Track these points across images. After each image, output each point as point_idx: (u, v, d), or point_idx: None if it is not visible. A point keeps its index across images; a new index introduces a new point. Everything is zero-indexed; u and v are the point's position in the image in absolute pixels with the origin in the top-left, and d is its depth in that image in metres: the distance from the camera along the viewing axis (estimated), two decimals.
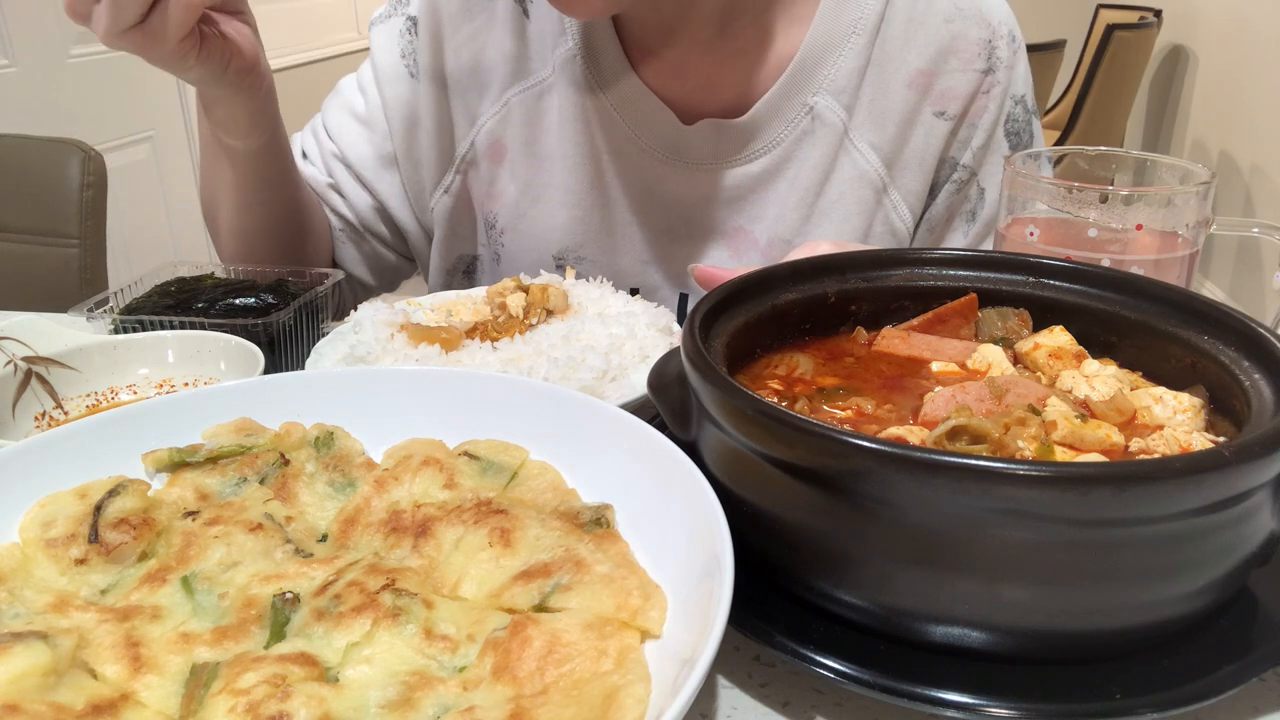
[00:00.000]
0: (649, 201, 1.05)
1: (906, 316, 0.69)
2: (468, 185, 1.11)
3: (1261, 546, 0.48)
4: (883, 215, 1.03)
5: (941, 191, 1.05)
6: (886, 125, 1.01)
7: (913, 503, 0.45)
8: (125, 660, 0.46)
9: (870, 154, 1.01)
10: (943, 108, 1.01)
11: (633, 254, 1.07)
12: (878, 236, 1.04)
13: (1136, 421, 0.57)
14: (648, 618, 0.48)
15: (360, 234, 1.15)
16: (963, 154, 1.03)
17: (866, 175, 1.01)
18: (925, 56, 0.99)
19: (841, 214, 1.02)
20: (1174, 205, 0.74)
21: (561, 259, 1.08)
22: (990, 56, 1.00)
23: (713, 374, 0.52)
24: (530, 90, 1.05)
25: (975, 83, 1.00)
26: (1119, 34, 4.05)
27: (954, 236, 1.07)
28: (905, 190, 1.03)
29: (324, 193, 1.13)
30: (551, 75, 1.04)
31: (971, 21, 1.00)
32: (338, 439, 0.63)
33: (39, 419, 0.78)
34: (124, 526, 0.54)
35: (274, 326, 0.85)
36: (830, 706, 0.50)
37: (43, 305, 1.04)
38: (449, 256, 1.15)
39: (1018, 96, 1.03)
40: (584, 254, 1.07)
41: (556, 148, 1.05)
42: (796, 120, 1.00)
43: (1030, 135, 1.05)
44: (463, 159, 1.10)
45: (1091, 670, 0.46)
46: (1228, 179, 3.99)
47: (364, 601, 0.49)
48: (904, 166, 1.02)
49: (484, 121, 1.07)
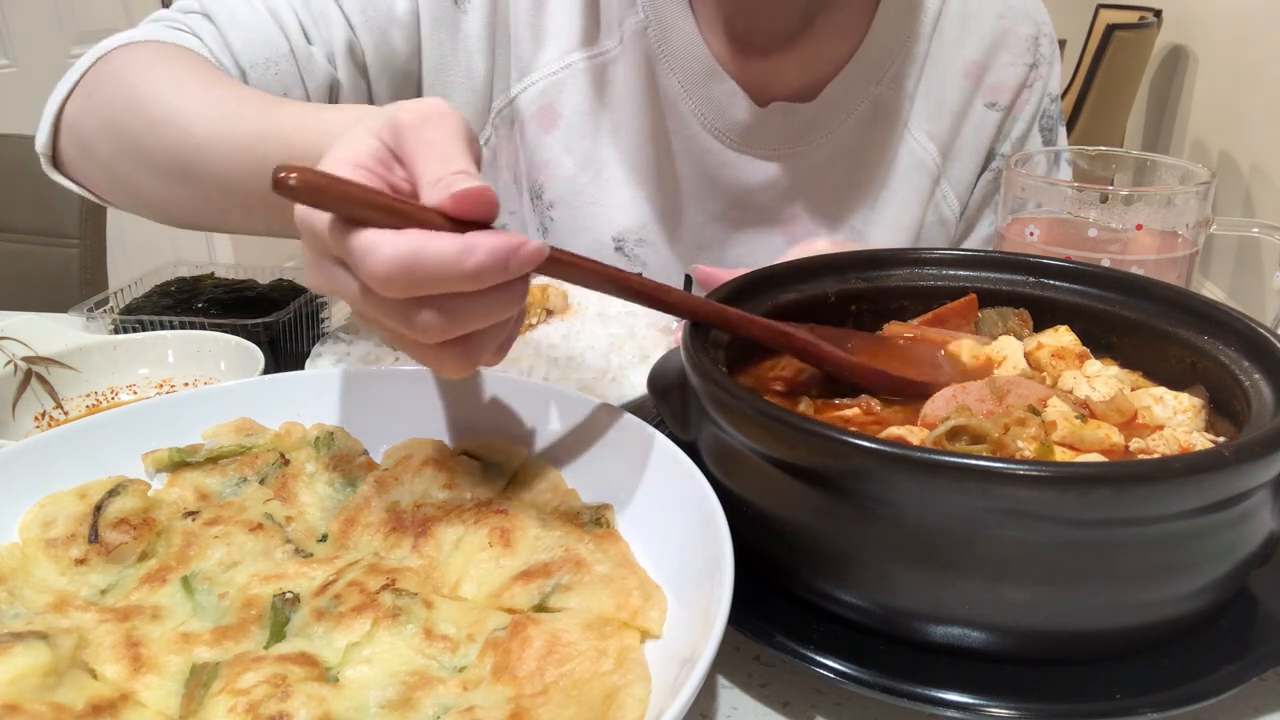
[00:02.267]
0: (710, 185, 1.02)
1: (906, 316, 0.69)
2: (499, 143, 1.03)
3: (1261, 546, 0.48)
4: (935, 205, 1.04)
5: (979, 181, 1.06)
6: (943, 115, 1.02)
7: (913, 503, 0.45)
8: (125, 660, 0.46)
9: (928, 143, 1.02)
10: (994, 99, 1.02)
11: (690, 239, 1.04)
12: (930, 226, 1.05)
13: (1136, 421, 0.57)
14: (648, 618, 0.48)
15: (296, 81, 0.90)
16: (1003, 145, 1.05)
17: (925, 164, 1.02)
18: (980, 49, 1.01)
19: (900, 202, 1.03)
20: (1174, 205, 0.74)
21: (621, 241, 1.02)
22: (1035, 52, 1.02)
23: (713, 374, 0.52)
24: (595, 59, 0.99)
25: (1022, 76, 1.02)
26: (1119, 34, 4.05)
27: (982, 225, 1.08)
28: (955, 180, 1.04)
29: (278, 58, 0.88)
30: (619, 47, 0.99)
31: (1021, 17, 1.02)
32: (338, 439, 0.63)
33: (39, 419, 0.78)
34: (124, 526, 0.54)
35: (274, 326, 0.85)
36: (830, 706, 0.50)
37: (43, 305, 1.04)
38: None
39: (1053, 95, 1.05)
40: (645, 236, 1.03)
41: (624, 122, 1.00)
42: (860, 108, 1.00)
43: (1056, 134, 1.07)
44: (499, 112, 1.01)
45: (1091, 670, 0.46)
46: (1228, 179, 3.98)
47: (364, 601, 0.49)
48: (956, 156, 1.03)
49: (536, 79, 0.99)
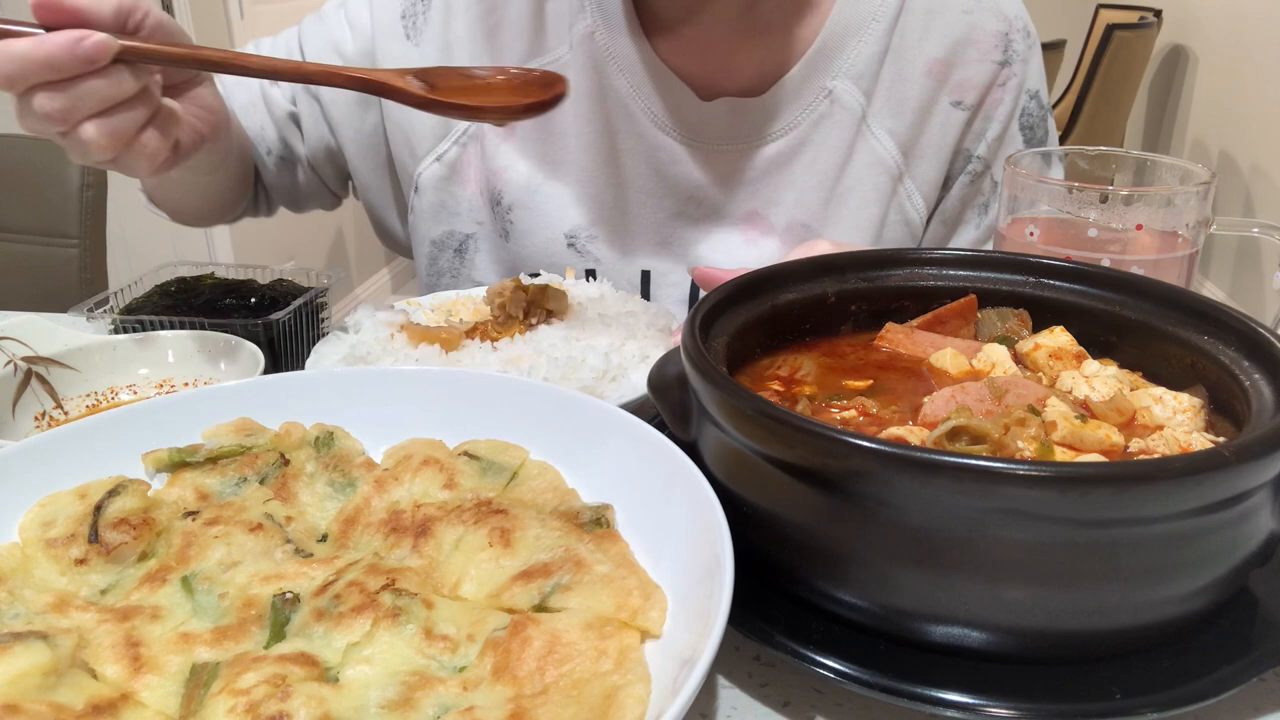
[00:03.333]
0: (663, 182, 1.03)
1: (906, 316, 0.69)
2: (466, 159, 1.07)
3: (1261, 546, 0.48)
4: (898, 204, 1.03)
5: (955, 184, 1.05)
6: (904, 113, 1.01)
7: (913, 503, 0.45)
8: (125, 660, 0.46)
9: (888, 141, 1.01)
10: (960, 98, 1.01)
11: (645, 235, 1.05)
12: (892, 225, 1.04)
13: (1136, 422, 0.57)
14: (648, 618, 0.48)
15: (297, 164, 1.11)
16: (977, 146, 1.03)
17: (884, 162, 1.01)
18: (944, 46, 1.00)
19: (858, 200, 1.02)
20: (1174, 205, 0.74)
21: (573, 237, 1.05)
22: (1007, 49, 1.01)
23: (713, 374, 0.52)
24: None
25: (991, 74, 1.01)
26: (1119, 34, 4.05)
27: (966, 229, 1.07)
28: (920, 179, 1.03)
29: (280, 119, 1.08)
30: (569, 53, 1.01)
31: (989, 13, 1.00)
32: (338, 439, 0.63)
33: (39, 419, 0.78)
34: (124, 526, 0.54)
35: (274, 326, 0.85)
36: (830, 706, 0.50)
37: (43, 305, 1.04)
38: (435, 228, 1.10)
39: (1032, 91, 1.04)
40: (596, 233, 1.05)
41: (571, 124, 1.02)
42: (815, 103, 1.00)
43: (1045, 131, 1.06)
44: (464, 131, 1.06)
45: (1091, 670, 0.46)
46: (1228, 179, 3.98)
47: (364, 601, 0.49)
48: (920, 155, 1.02)
49: None
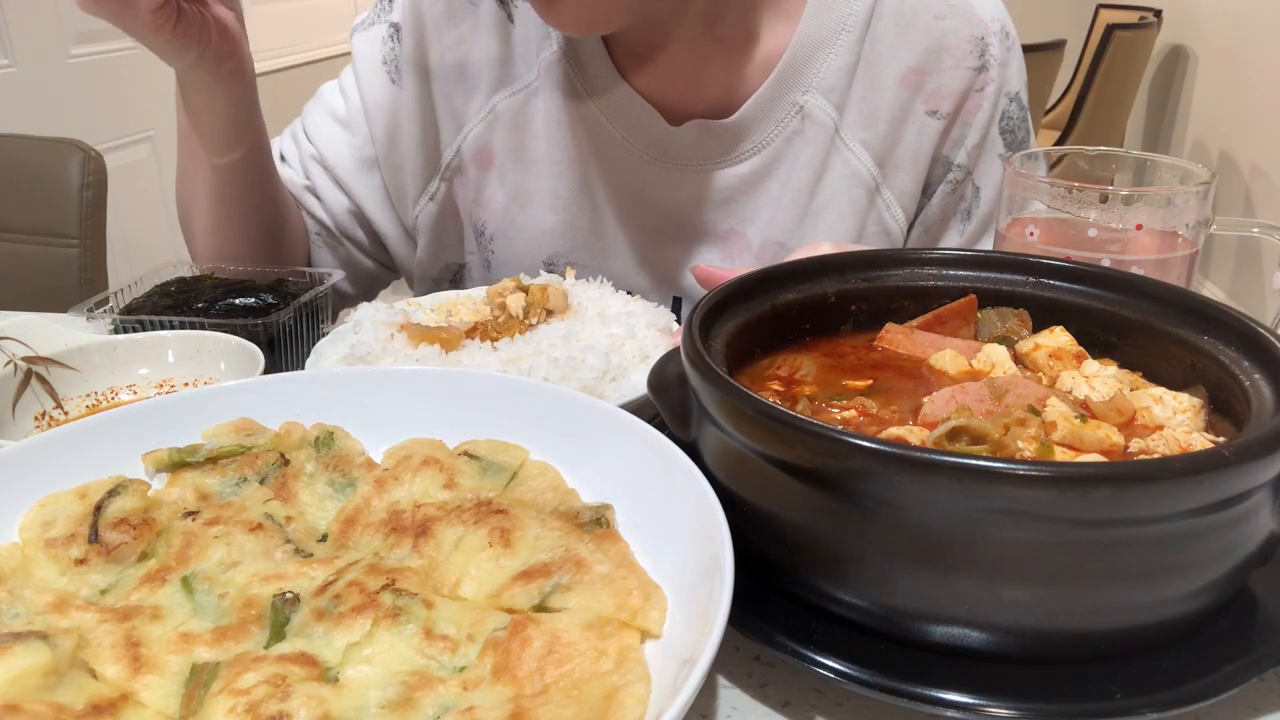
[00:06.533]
0: (638, 205, 1.04)
1: (906, 317, 0.69)
2: (454, 193, 1.10)
3: (1261, 546, 0.48)
4: (875, 215, 1.02)
5: (936, 192, 1.04)
6: (878, 124, 0.99)
7: (913, 503, 0.45)
8: (125, 660, 0.46)
9: (862, 153, 1.00)
10: (935, 106, 0.99)
11: (623, 258, 1.06)
12: (871, 237, 1.03)
13: (1136, 422, 0.57)
14: (648, 618, 0.48)
15: (336, 238, 1.15)
16: (956, 153, 1.02)
17: (859, 174, 1.00)
18: (916, 54, 0.98)
19: (835, 214, 1.01)
20: (1174, 205, 0.74)
21: (552, 264, 1.07)
22: (983, 54, 0.99)
23: (713, 374, 0.52)
24: (516, 95, 1.04)
25: (968, 81, 0.99)
26: (1119, 34, 4.05)
27: (949, 236, 1.06)
28: (898, 190, 1.02)
29: (300, 195, 1.13)
30: (537, 79, 1.03)
31: (962, 18, 0.98)
32: (338, 439, 0.63)
33: (39, 419, 0.78)
34: (124, 526, 0.54)
35: (274, 326, 0.85)
36: (830, 706, 0.50)
37: (43, 305, 1.04)
38: (435, 265, 1.15)
39: (1012, 94, 1.02)
40: (574, 259, 1.07)
41: (544, 153, 1.04)
42: (786, 120, 0.99)
43: (1026, 133, 1.04)
44: (448, 166, 1.09)
45: (1091, 670, 0.46)
46: (1228, 179, 3.99)
47: (364, 601, 0.49)
48: (896, 165, 1.01)
49: (470, 128, 1.07)
